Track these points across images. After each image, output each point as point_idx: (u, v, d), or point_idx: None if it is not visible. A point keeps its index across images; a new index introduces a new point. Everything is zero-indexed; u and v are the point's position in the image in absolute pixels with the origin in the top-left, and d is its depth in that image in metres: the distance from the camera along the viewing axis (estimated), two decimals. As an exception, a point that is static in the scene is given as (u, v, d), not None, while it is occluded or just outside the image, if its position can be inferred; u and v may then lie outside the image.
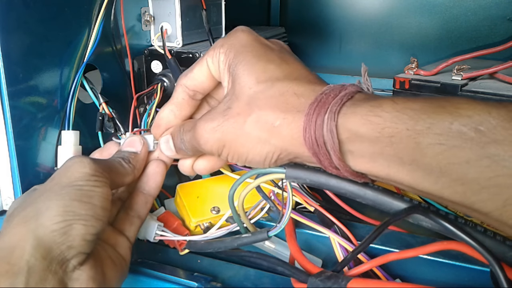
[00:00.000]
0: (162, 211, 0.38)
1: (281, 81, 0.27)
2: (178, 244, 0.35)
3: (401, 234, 0.37)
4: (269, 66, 0.28)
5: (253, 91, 0.27)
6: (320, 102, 0.25)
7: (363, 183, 0.26)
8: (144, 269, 0.34)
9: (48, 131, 0.39)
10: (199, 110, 0.34)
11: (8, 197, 0.37)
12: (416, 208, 0.25)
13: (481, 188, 0.21)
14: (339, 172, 0.25)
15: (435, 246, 0.27)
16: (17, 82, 0.36)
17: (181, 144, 0.32)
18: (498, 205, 0.21)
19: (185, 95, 0.32)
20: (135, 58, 0.51)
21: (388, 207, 0.26)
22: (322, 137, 0.24)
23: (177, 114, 0.33)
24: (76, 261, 0.26)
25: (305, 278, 0.28)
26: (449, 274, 0.33)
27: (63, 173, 0.28)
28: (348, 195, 0.26)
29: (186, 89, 0.32)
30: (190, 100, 0.32)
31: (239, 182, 0.30)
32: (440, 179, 0.22)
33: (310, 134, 0.25)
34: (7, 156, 0.36)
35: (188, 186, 0.40)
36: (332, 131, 0.24)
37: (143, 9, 0.51)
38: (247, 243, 0.31)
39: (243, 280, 0.34)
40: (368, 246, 0.29)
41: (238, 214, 0.31)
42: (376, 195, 0.26)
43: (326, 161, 0.25)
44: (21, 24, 0.35)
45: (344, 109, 0.24)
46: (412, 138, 0.22)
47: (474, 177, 0.21)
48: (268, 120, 0.26)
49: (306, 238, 0.37)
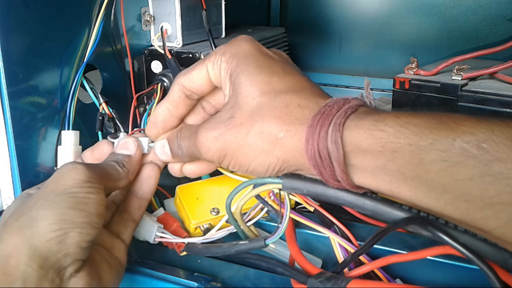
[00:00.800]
0: (161, 212, 0.38)
1: (285, 93, 0.27)
2: (177, 247, 0.35)
3: (402, 234, 0.37)
4: (272, 78, 0.28)
5: (256, 102, 0.27)
6: (323, 114, 0.25)
7: (362, 193, 0.26)
8: (144, 269, 0.34)
9: (48, 131, 0.39)
10: (193, 112, 0.34)
11: (8, 197, 0.37)
12: (415, 220, 0.25)
13: (484, 205, 0.21)
14: (340, 185, 0.25)
15: (437, 250, 0.27)
16: (17, 82, 0.36)
17: (178, 150, 0.32)
18: (501, 223, 0.21)
19: (181, 94, 0.32)
20: (135, 58, 0.51)
21: (387, 217, 0.26)
22: (326, 149, 0.24)
23: (173, 112, 0.33)
24: (72, 268, 0.26)
25: (304, 279, 0.28)
26: (449, 275, 0.33)
27: (57, 179, 0.28)
28: (346, 205, 0.27)
29: (183, 88, 0.32)
30: (186, 99, 0.32)
31: (236, 192, 0.30)
32: (443, 196, 0.22)
33: (312, 146, 0.25)
34: (7, 156, 0.36)
35: (188, 188, 0.40)
36: (337, 143, 0.24)
37: (143, 9, 0.51)
38: (244, 250, 0.31)
39: (243, 280, 0.34)
40: (368, 250, 0.29)
41: (236, 221, 0.32)
42: (375, 205, 0.26)
43: (327, 173, 0.25)
44: (21, 24, 0.35)
45: (348, 122, 0.24)
46: (416, 154, 0.22)
47: (478, 194, 0.21)
48: (271, 132, 0.26)
49: (306, 238, 0.37)
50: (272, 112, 0.26)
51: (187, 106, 0.33)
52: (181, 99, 0.32)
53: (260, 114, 0.27)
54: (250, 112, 0.27)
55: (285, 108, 0.26)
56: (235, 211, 0.31)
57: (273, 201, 0.35)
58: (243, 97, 0.28)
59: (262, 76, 0.28)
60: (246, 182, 0.29)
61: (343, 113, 0.25)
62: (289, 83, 0.28)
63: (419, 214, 0.25)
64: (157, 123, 0.33)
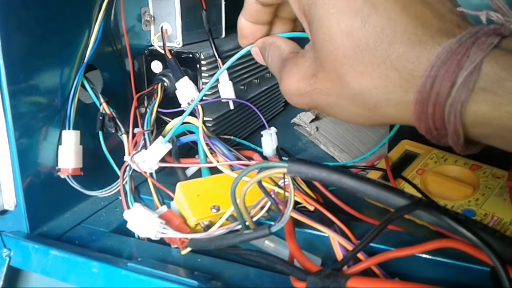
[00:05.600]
0: (164, 210, 0.38)
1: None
2: (180, 242, 0.35)
3: (399, 233, 0.37)
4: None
5: (339, 62, 0.22)
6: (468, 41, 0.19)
7: (365, 178, 0.26)
8: (144, 268, 0.34)
9: (48, 131, 0.39)
10: (275, 22, 0.31)
11: (9, 196, 0.38)
12: (419, 204, 0.25)
13: None
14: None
15: (434, 244, 0.27)
16: (17, 82, 0.36)
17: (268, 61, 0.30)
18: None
19: (253, 3, 0.29)
20: (135, 58, 0.51)
21: (389, 203, 0.26)
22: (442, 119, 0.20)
23: (255, 23, 0.30)
24: None
25: (304, 276, 0.28)
26: (448, 273, 0.33)
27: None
28: (350, 190, 0.26)
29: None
30: (262, 8, 0.29)
31: (242, 176, 0.30)
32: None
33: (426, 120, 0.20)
34: (8, 156, 0.36)
35: (189, 185, 0.40)
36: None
37: (143, 9, 0.51)
38: (249, 239, 0.31)
39: (243, 279, 0.34)
40: (370, 243, 0.29)
41: (240, 208, 0.31)
42: (377, 190, 0.26)
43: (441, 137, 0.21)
44: (21, 24, 0.36)
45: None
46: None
47: None
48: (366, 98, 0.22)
49: (306, 237, 0.38)
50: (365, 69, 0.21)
51: (266, 15, 0.30)
52: (258, 10, 0.29)
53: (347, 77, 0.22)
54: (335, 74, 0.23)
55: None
56: (240, 198, 0.31)
57: (275, 199, 0.35)
58: (322, 52, 0.23)
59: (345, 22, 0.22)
60: (252, 166, 0.28)
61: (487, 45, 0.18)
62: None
63: (422, 201, 0.25)
64: (245, 36, 0.31)
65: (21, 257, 0.37)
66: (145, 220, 0.35)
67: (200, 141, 0.42)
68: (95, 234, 0.40)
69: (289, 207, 0.29)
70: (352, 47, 0.21)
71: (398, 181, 0.45)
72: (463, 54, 0.18)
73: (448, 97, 0.19)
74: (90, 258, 0.34)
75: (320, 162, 0.27)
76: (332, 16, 0.22)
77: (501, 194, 0.41)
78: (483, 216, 0.39)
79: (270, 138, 0.47)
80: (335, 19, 0.22)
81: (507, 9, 0.20)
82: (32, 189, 0.38)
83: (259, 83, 0.64)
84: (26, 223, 0.38)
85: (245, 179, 0.30)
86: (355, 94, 0.22)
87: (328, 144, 0.59)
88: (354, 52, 0.21)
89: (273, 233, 0.30)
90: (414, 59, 0.20)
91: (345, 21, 0.21)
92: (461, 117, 0.19)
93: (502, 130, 0.19)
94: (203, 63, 0.50)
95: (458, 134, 0.20)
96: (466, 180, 0.44)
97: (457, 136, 0.20)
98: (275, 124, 0.57)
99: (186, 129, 0.45)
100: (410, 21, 0.20)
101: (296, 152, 0.60)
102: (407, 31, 0.20)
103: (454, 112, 0.19)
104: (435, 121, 0.20)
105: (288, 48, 0.29)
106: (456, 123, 0.19)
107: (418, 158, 0.48)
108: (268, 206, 0.36)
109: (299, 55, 0.27)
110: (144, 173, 0.40)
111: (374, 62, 0.21)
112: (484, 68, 0.18)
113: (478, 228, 0.24)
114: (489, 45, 0.18)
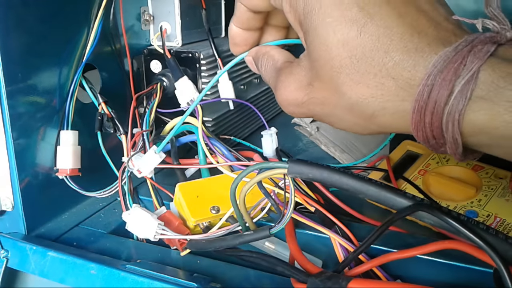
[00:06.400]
0: (163, 211, 0.38)
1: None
2: (179, 244, 0.35)
3: (401, 234, 0.37)
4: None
5: (335, 71, 0.22)
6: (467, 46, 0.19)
7: (367, 178, 0.26)
8: (143, 269, 0.34)
9: (47, 131, 0.39)
10: (266, 33, 0.31)
11: (7, 197, 0.37)
12: (421, 205, 0.25)
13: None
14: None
15: (435, 246, 0.27)
16: (15, 82, 0.35)
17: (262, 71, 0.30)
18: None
19: (245, 11, 0.29)
20: (135, 57, 0.50)
21: (391, 204, 0.25)
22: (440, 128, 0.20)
23: (246, 29, 0.30)
24: None
25: (305, 278, 0.28)
26: (450, 275, 0.33)
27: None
28: (351, 191, 0.26)
29: (242, 5, 0.29)
30: (253, 15, 0.29)
31: (242, 176, 0.29)
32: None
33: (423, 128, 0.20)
34: (5, 156, 0.36)
35: (188, 186, 0.40)
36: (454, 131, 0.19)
37: (142, 9, 0.51)
38: (249, 241, 0.31)
39: (243, 281, 0.33)
40: (371, 244, 0.28)
41: (240, 209, 0.31)
42: (378, 191, 0.25)
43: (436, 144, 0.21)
44: (20, 23, 0.35)
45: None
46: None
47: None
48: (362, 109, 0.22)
49: (307, 239, 0.37)
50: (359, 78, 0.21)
51: (257, 21, 0.30)
52: (249, 18, 0.29)
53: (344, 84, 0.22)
54: (330, 83, 0.23)
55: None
56: (240, 198, 0.31)
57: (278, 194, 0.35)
58: (318, 62, 0.23)
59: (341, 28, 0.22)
60: (252, 167, 0.28)
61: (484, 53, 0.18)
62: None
63: (424, 201, 0.25)
64: (237, 44, 0.31)
65: (18, 259, 0.36)
66: (144, 222, 0.35)
67: (200, 142, 0.42)
68: (93, 235, 0.40)
69: (290, 208, 0.29)
70: (349, 56, 0.21)
71: (399, 182, 0.45)
72: (459, 62, 0.18)
73: (445, 106, 0.19)
74: (88, 259, 0.34)
75: (321, 163, 0.27)
76: (328, 26, 0.22)
77: (504, 194, 0.41)
78: (486, 217, 0.39)
79: (270, 138, 0.47)
80: (331, 29, 0.22)
81: (502, 17, 0.20)
82: (30, 190, 0.38)
83: (259, 83, 0.64)
84: (23, 224, 0.38)
85: (245, 179, 0.29)
86: (352, 104, 0.22)
87: (329, 144, 0.59)
88: (350, 62, 0.21)
89: (273, 234, 0.30)
90: (411, 67, 0.20)
91: (341, 30, 0.21)
92: (459, 126, 0.19)
93: (500, 139, 0.19)
94: (203, 62, 0.50)
95: (456, 143, 0.19)
96: (468, 181, 0.43)
97: (455, 145, 0.20)
98: (275, 124, 0.57)
99: (186, 129, 0.45)
100: (406, 29, 0.20)
101: (296, 153, 0.60)
102: (403, 39, 0.20)
103: (452, 121, 0.19)
104: (433, 130, 0.20)
105: (282, 57, 0.29)
106: (454, 132, 0.19)
107: (420, 159, 0.48)
108: (269, 207, 0.36)
109: (294, 65, 0.27)
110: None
111: (371, 71, 0.21)
112: (481, 77, 0.18)
113: (480, 229, 0.24)
114: (486, 53, 0.18)
